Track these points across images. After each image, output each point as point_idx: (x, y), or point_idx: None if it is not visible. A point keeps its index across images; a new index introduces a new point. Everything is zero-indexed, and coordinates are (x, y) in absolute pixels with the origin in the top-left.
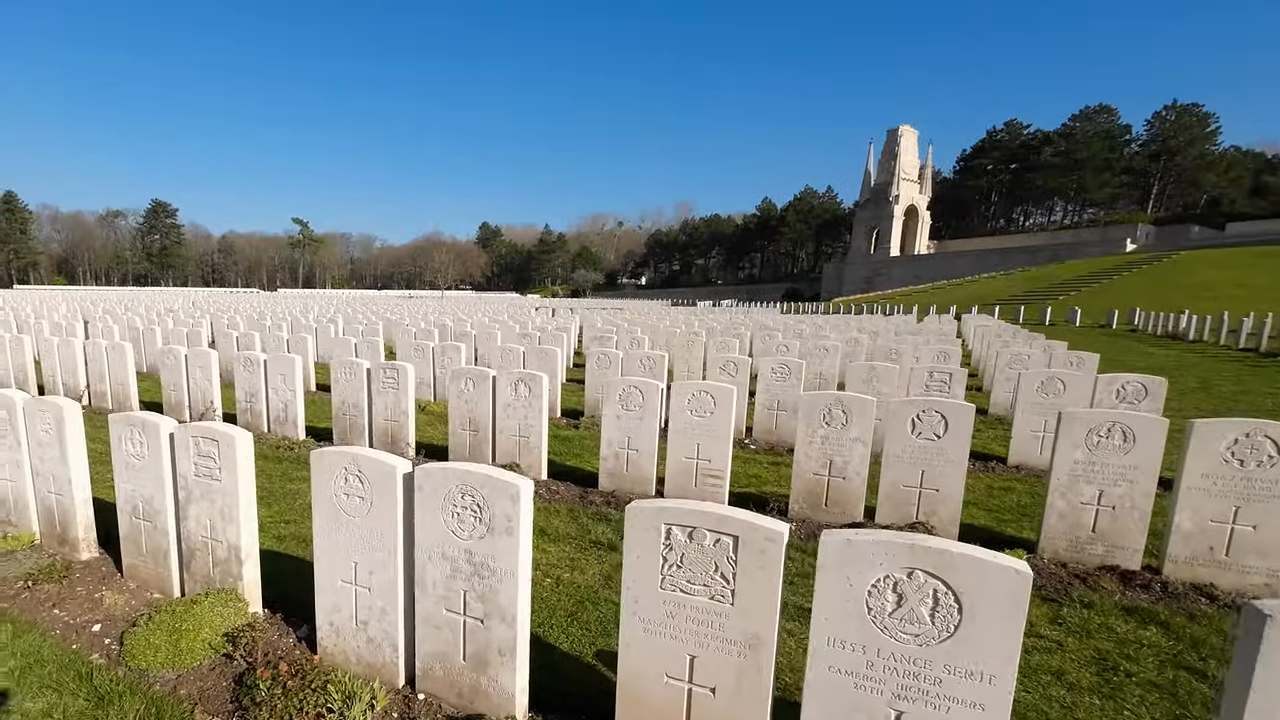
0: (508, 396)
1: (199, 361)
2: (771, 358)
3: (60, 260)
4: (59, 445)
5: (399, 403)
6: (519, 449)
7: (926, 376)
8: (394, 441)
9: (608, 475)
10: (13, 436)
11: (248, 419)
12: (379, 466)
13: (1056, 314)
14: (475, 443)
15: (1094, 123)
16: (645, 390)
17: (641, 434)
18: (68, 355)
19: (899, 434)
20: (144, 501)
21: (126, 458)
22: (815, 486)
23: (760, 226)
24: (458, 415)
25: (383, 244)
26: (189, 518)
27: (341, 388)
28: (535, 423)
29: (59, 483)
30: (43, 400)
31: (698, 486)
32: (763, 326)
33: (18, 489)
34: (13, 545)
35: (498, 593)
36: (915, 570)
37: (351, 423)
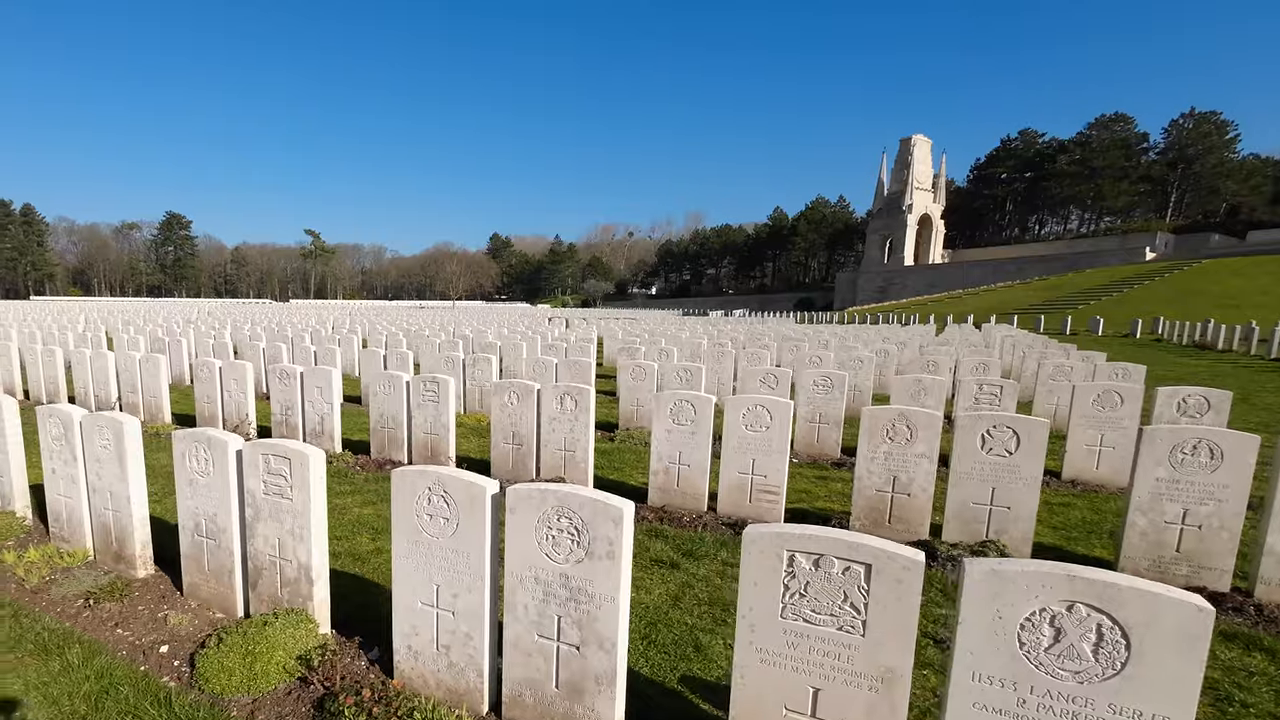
0: (553, 410)
1: (233, 374)
2: (813, 370)
3: (76, 272)
4: (118, 461)
5: (439, 416)
6: (564, 463)
7: (976, 389)
8: (434, 455)
9: (657, 490)
10: (69, 452)
11: (282, 432)
12: (466, 487)
13: (1077, 323)
14: (519, 456)
15: (1110, 131)
16: (697, 404)
17: (694, 449)
18: (100, 367)
19: (968, 450)
20: (207, 519)
21: (190, 475)
22: (878, 503)
23: (772, 236)
24: (500, 428)
25: (394, 255)
26: (256, 536)
27: (380, 401)
28: (582, 437)
29: (117, 499)
30: (101, 416)
31: (752, 503)
32: (785, 337)
33: (72, 505)
34: (68, 562)
35: (596, 619)
36: (1076, 604)
37: (390, 436)
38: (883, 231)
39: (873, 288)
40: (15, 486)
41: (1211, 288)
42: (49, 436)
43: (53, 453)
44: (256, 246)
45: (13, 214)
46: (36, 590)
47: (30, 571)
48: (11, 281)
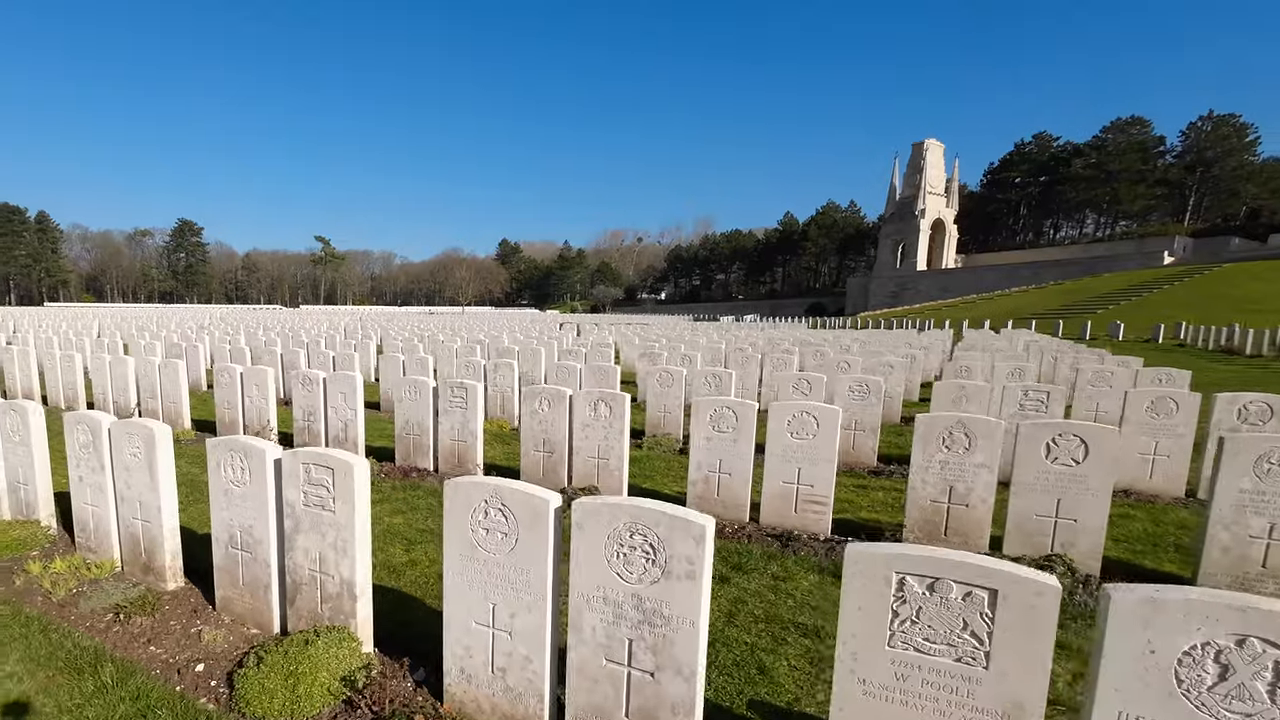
0: (586, 416)
1: (255, 379)
2: (848, 376)
3: (89, 278)
4: (148, 470)
5: (467, 423)
6: (598, 471)
7: (1020, 396)
8: (461, 462)
9: (696, 500)
10: (96, 459)
11: (305, 438)
12: (528, 500)
13: (1097, 328)
14: (550, 464)
15: (1126, 134)
16: (739, 411)
17: (735, 457)
18: (120, 373)
19: (1031, 459)
20: (243, 531)
21: (225, 484)
22: (933, 515)
23: (782, 241)
24: (531, 435)
25: (403, 261)
26: (295, 549)
27: (405, 407)
28: (616, 444)
29: (146, 509)
30: (132, 423)
31: (798, 513)
32: (805, 342)
33: (99, 514)
34: (95, 573)
35: (673, 644)
36: (1249, 638)
37: (415, 442)
38: (895, 236)
39: (885, 293)
40: (40, 495)
41: (1233, 292)
42: (76, 444)
43: (80, 460)
44: (267, 253)
45: (28, 221)
46: (64, 603)
47: (57, 584)
48: (26, 288)
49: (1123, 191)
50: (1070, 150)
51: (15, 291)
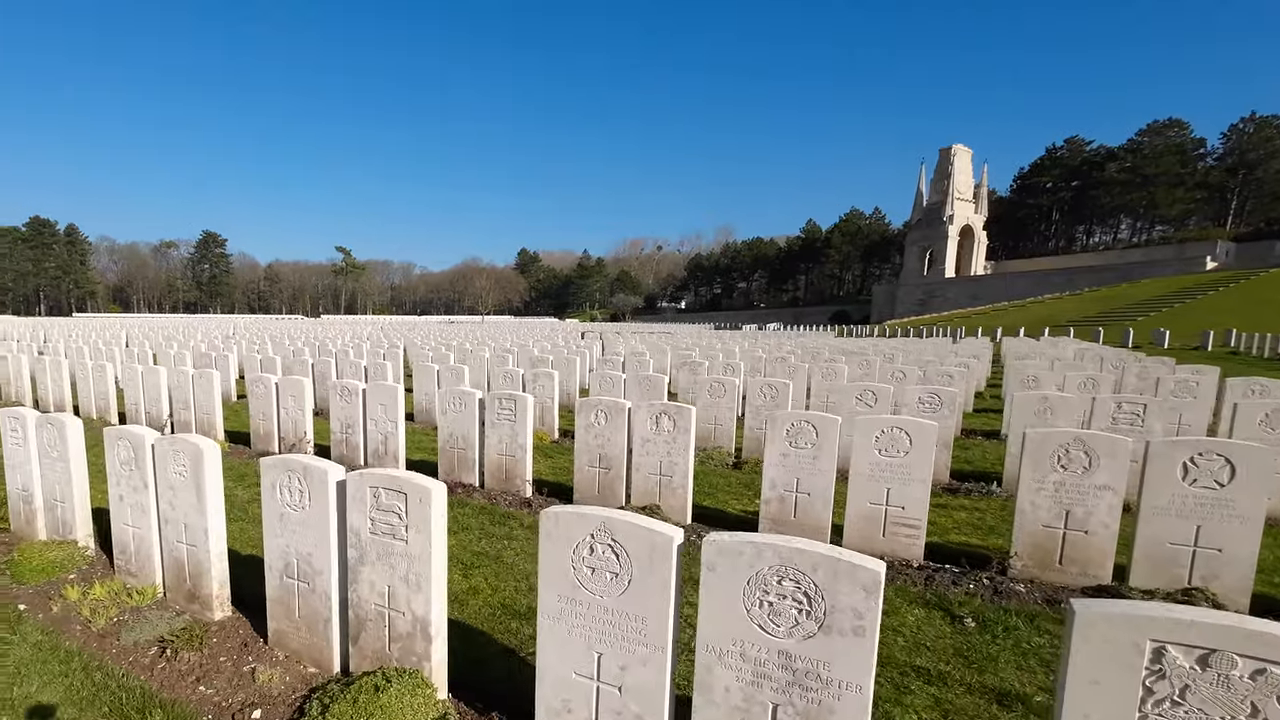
0: (646, 430)
1: (291, 390)
2: (919, 387)
3: (116, 289)
4: (195, 490)
5: (515, 436)
6: (660, 489)
7: (1114, 409)
8: (508, 477)
9: (770, 521)
10: (139, 477)
11: (342, 451)
12: (646, 536)
13: (1140, 336)
14: (606, 481)
15: (1164, 137)
16: (820, 426)
17: (814, 475)
18: (152, 383)
19: (1164, 481)
20: (300, 559)
21: (280, 508)
22: (1046, 541)
23: (805, 249)
24: (586, 450)
25: (423, 271)
26: (360, 582)
27: (450, 419)
28: (680, 460)
29: (192, 532)
30: (178, 439)
31: (886, 537)
32: (848, 351)
33: (141, 536)
34: (136, 600)
35: (832, 712)
36: None
37: (460, 456)
38: (922, 243)
39: (912, 300)
40: (78, 513)
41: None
42: (117, 460)
43: (120, 478)
44: (289, 264)
45: (58, 234)
46: (104, 634)
47: (96, 612)
48: (55, 298)
49: (1160, 195)
50: (1104, 154)
51: (45, 302)
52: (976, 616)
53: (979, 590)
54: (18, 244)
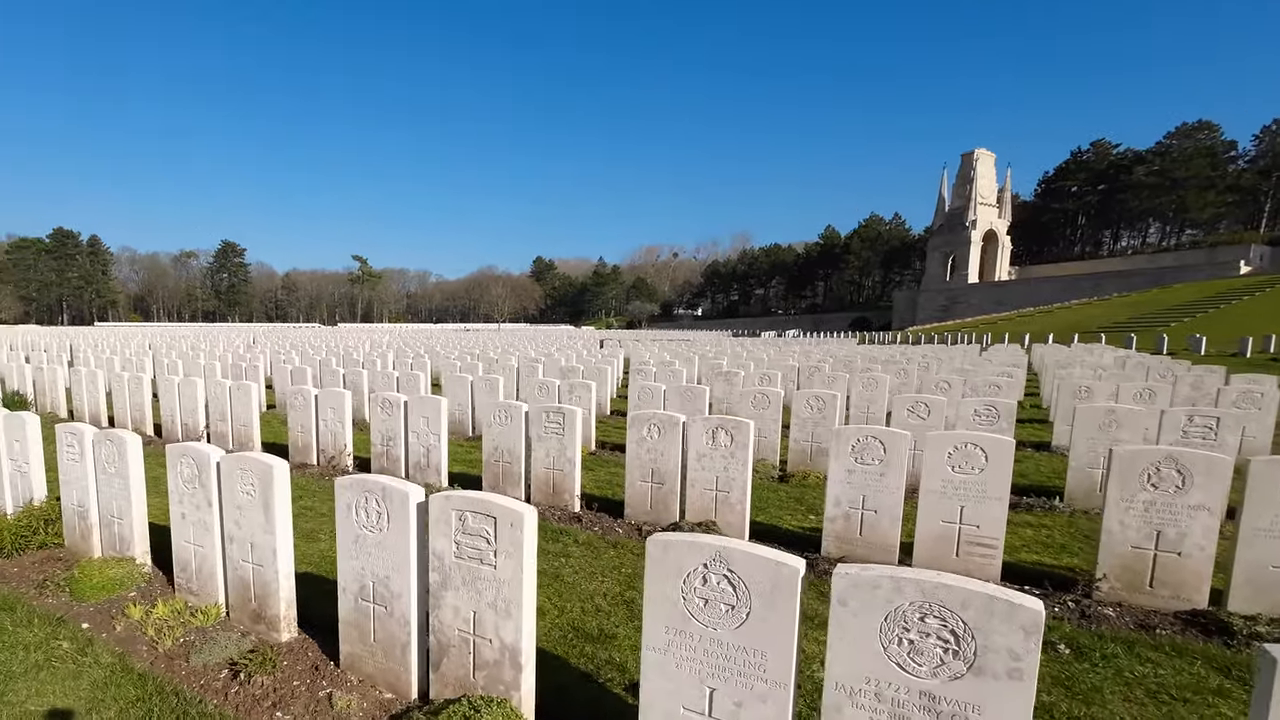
0: (702, 445)
1: (330, 402)
2: (976, 398)
3: (136, 298)
4: (263, 509)
5: (564, 450)
6: (716, 506)
7: (1184, 421)
8: (556, 492)
9: (834, 539)
10: (202, 495)
11: (383, 464)
12: (768, 567)
13: (1175, 342)
14: (659, 496)
15: (1193, 140)
16: (889, 441)
17: (882, 492)
18: (189, 395)
19: (1267, 500)
20: (377, 582)
21: (357, 530)
22: (1135, 563)
23: (823, 255)
24: (638, 465)
25: (438, 279)
26: (442, 607)
27: (495, 433)
28: (738, 476)
29: (259, 551)
30: (246, 458)
31: (959, 557)
32: (882, 360)
33: (204, 555)
34: (200, 620)
35: None
36: None
37: (505, 470)
38: (944, 249)
39: (934, 306)
40: (136, 530)
41: None
42: (180, 478)
43: (183, 496)
44: (306, 272)
45: (81, 245)
46: (172, 655)
47: (162, 632)
48: (78, 308)
49: (1190, 199)
50: (1131, 157)
51: (68, 311)
52: (1069, 643)
53: (1065, 614)
54: (42, 255)
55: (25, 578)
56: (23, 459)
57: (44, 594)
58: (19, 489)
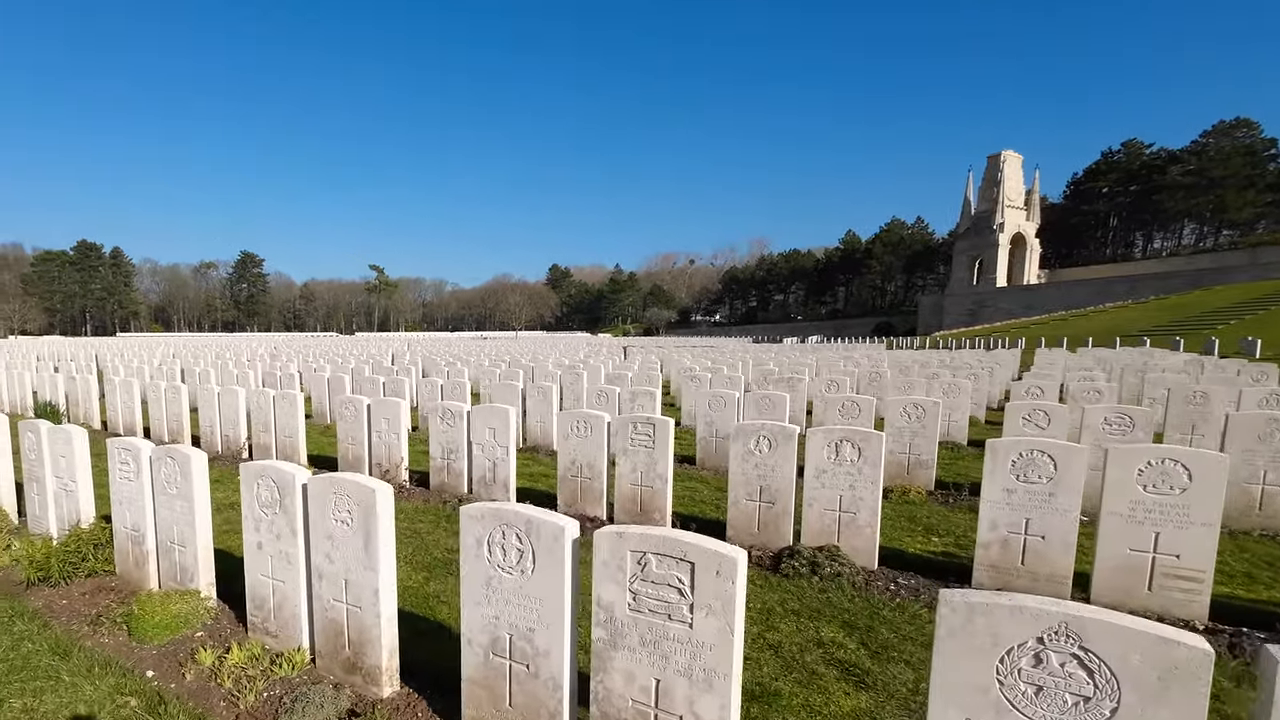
0: (822, 460)
1: (385, 413)
2: (1102, 405)
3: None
4: (363, 541)
5: (654, 464)
6: (839, 529)
7: None
8: (644, 511)
9: (988, 569)
10: (284, 522)
11: (443, 479)
12: (1158, 650)
13: (1226, 345)
14: (770, 517)
15: (1231, 138)
16: (1060, 457)
17: (1052, 514)
18: (230, 405)
19: None
20: (517, 635)
21: (490, 570)
22: None
23: (844, 260)
24: (743, 483)
25: (454, 287)
26: (610, 671)
27: (572, 445)
28: (867, 495)
29: (356, 590)
30: (340, 480)
31: (1153, 591)
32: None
33: (284, 591)
34: (284, 670)
35: None
36: None
37: (585, 487)
38: (971, 252)
39: (961, 310)
40: (200, 559)
41: None
42: (256, 502)
43: (260, 523)
44: (324, 282)
45: (103, 257)
46: (256, 713)
47: (241, 684)
48: (100, 319)
49: (1229, 199)
50: (1166, 157)
51: (90, 322)
52: None
53: None
54: (65, 267)
55: (76, 611)
56: (69, 477)
57: (99, 632)
58: (64, 509)
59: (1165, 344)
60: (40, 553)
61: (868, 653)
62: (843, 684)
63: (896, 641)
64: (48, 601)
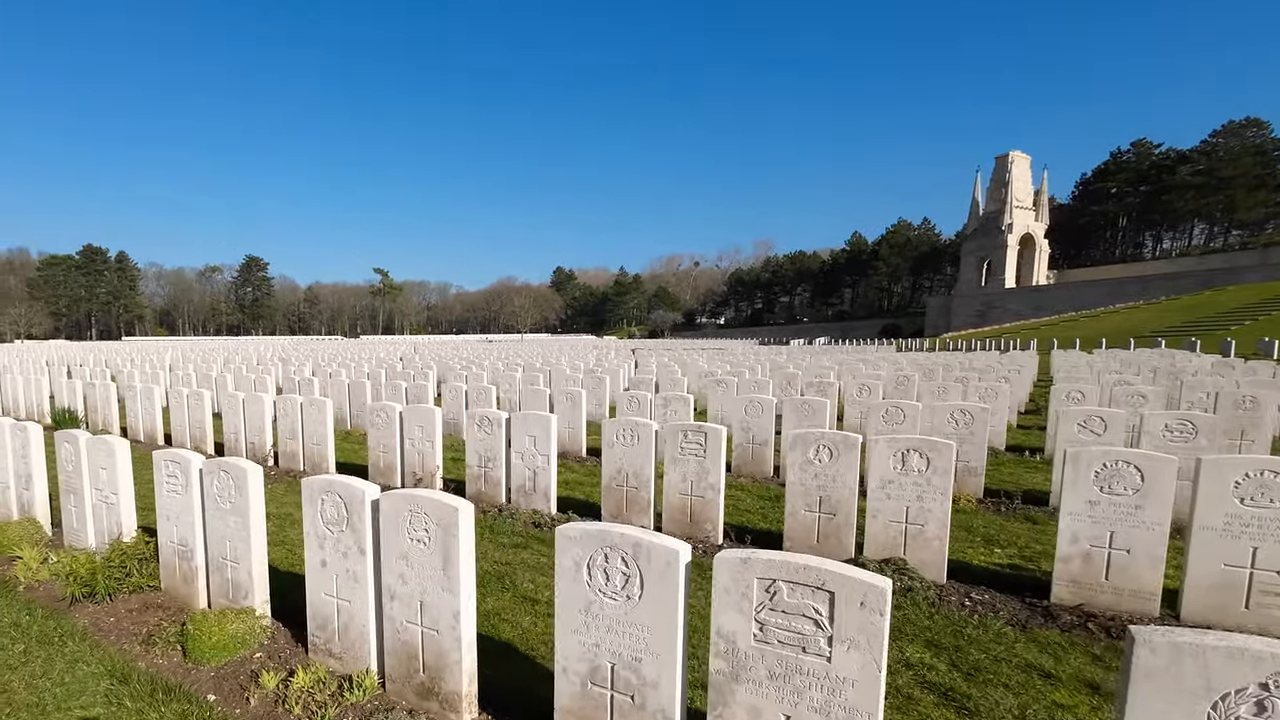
0: (888, 470)
1: (418, 420)
2: (1166, 413)
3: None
4: (442, 562)
5: (706, 474)
6: (905, 541)
7: None
8: (695, 522)
9: (1069, 583)
10: (351, 540)
11: (480, 487)
12: None
13: (1242, 346)
14: (830, 529)
15: (1241, 138)
16: (1147, 467)
17: (1138, 527)
18: (255, 412)
19: None
20: (622, 665)
21: (590, 595)
22: None
23: (851, 261)
24: (802, 491)
25: (458, 290)
26: (733, 704)
27: (617, 453)
28: (936, 507)
29: (432, 613)
30: (416, 496)
31: (1250, 609)
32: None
33: (351, 611)
34: (355, 695)
35: None
36: None
37: (631, 496)
38: (979, 253)
39: (969, 312)
40: (256, 576)
41: None
42: (320, 519)
43: (324, 539)
44: (329, 286)
45: (109, 261)
46: None
47: (311, 711)
48: (106, 323)
49: (1239, 198)
50: (1175, 157)
51: (95, 326)
52: None
53: None
54: (71, 271)
55: (125, 630)
56: (110, 489)
57: (151, 652)
58: (104, 522)
59: (1180, 345)
60: (84, 568)
61: (961, 675)
62: (944, 710)
63: (989, 663)
64: (94, 619)
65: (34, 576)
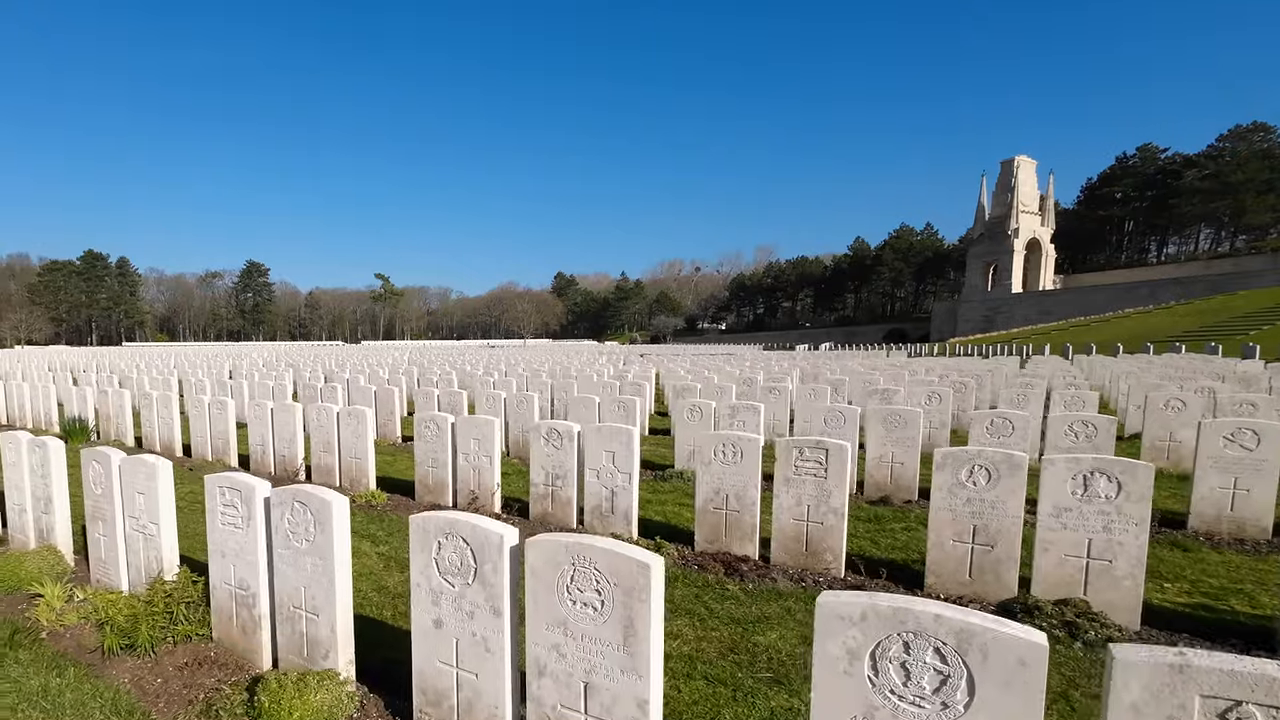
0: (1064, 496)
1: (473, 432)
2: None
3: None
4: (622, 635)
5: (826, 497)
6: (1086, 579)
7: None
8: (810, 551)
9: None
10: (480, 596)
11: (546, 507)
12: None
13: (1267, 350)
14: (987, 562)
15: (1248, 142)
16: None
17: None
18: (284, 422)
19: None
20: None
21: (875, 698)
22: None
23: (854, 266)
24: (949, 520)
25: (459, 295)
26: None
27: (715, 471)
28: (1129, 541)
29: (604, 699)
30: (590, 547)
31: None
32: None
33: (476, 685)
34: None
35: None
36: None
37: (732, 521)
38: (985, 258)
39: (975, 317)
40: (340, 630)
41: None
42: (437, 568)
43: (442, 595)
44: (329, 291)
45: (110, 267)
46: None
47: None
48: (106, 328)
49: (1247, 203)
50: (1181, 161)
51: (96, 332)
52: None
53: None
54: (72, 277)
55: (177, 695)
56: (149, 517)
57: None
58: (143, 558)
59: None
60: (122, 614)
61: None
62: None
63: None
64: (135, 678)
65: (59, 620)
